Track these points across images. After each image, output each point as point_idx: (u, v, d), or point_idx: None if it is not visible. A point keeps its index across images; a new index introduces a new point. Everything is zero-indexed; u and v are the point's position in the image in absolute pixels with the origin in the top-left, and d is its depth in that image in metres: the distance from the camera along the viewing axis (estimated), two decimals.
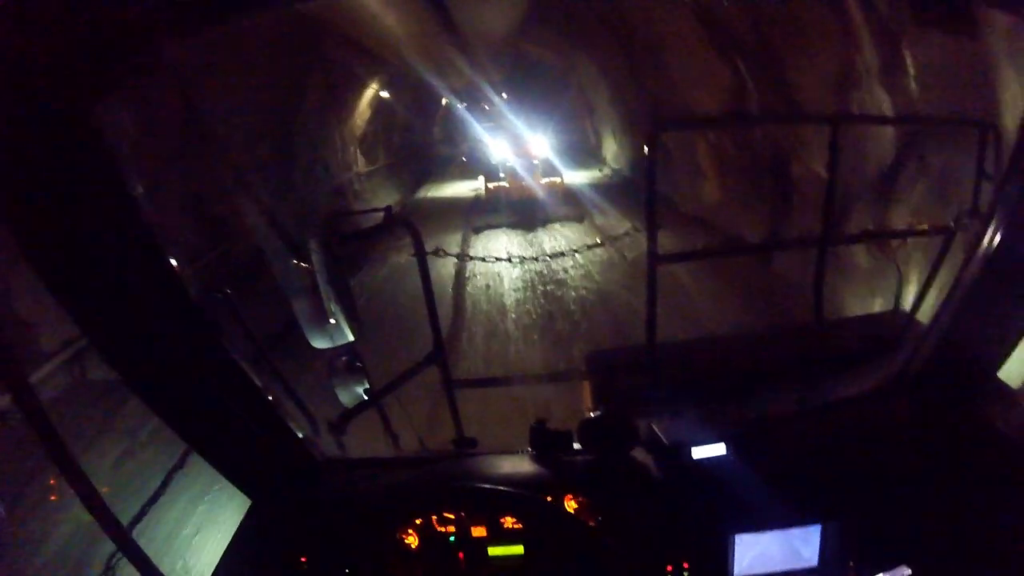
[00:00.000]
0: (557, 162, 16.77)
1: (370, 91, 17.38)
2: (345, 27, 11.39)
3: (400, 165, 21.89)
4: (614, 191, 17.06)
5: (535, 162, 16.24)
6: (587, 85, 20.36)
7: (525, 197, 15.10)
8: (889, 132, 5.92)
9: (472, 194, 18.80)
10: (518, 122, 18.81)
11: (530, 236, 13.37)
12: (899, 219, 6.37)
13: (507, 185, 15.64)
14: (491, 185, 16.02)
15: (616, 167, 20.10)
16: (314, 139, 13.88)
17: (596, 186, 18.25)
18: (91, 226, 1.15)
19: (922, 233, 2.88)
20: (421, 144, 26.68)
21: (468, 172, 22.56)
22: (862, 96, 6.17)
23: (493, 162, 17.27)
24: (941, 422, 1.76)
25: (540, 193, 15.03)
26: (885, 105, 5.72)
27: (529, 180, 15.32)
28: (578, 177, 19.64)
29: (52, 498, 4.03)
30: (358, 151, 17.76)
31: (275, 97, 10.92)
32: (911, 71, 5.23)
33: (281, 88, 11.10)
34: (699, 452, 1.61)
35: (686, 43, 10.12)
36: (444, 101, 27.76)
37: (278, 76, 10.68)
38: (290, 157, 12.16)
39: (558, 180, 16.04)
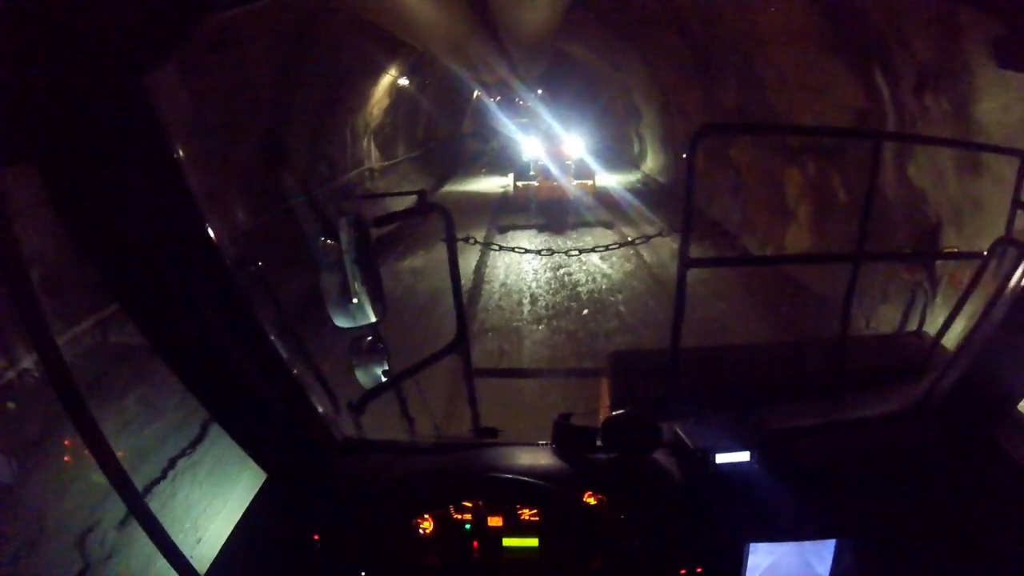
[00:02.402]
0: (593, 164, 16.14)
1: (387, 78, 15.54)
2: (355, 4, 9.65)
3: (423, 160, 20.52)
4: (658, 204, 15.05)
5: (568, 162, 15.73)
6: (634, 87, 18.87)
7: (555, 198, 14.61)
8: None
9: (500, 190, 18.34)
10: (552, 120, 18.27)
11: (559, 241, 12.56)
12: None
13: (537, 184, 15.09)
14: (520, 184, 15.49)
15: (663, 180, 18.27)
16: (317, 132, 12.23)
17: (635, 193, 17.17)
18: (134, 193, 1.16)
19: (955, 256, 2.84)
20: (448, 137, 25.48)
21: (496, 168, 21.98)
22: None
23: (524, 159, 16.73)
24: (961, 449, 1.74)
25: (571, 195, 14.55)
26: None
27: (561, 181, 14.79)
28: (612, 181, 18.18)
29: (66, 459, 4.09)
30: (372, 144, 16.21)
31: (261, 86, 9.35)
32: None
33: (269, 76, 9.45)
34: (723, 458, 1.60)
35: (796, 43, 7.75)
36: (475, 94, 27.02)
37: (265, 62, 9.13)
38: (281, 155, 10.50)
39: (590, 183, 15.42)
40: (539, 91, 26.54)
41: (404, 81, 16.68)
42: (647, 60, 15.41)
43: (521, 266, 10.86)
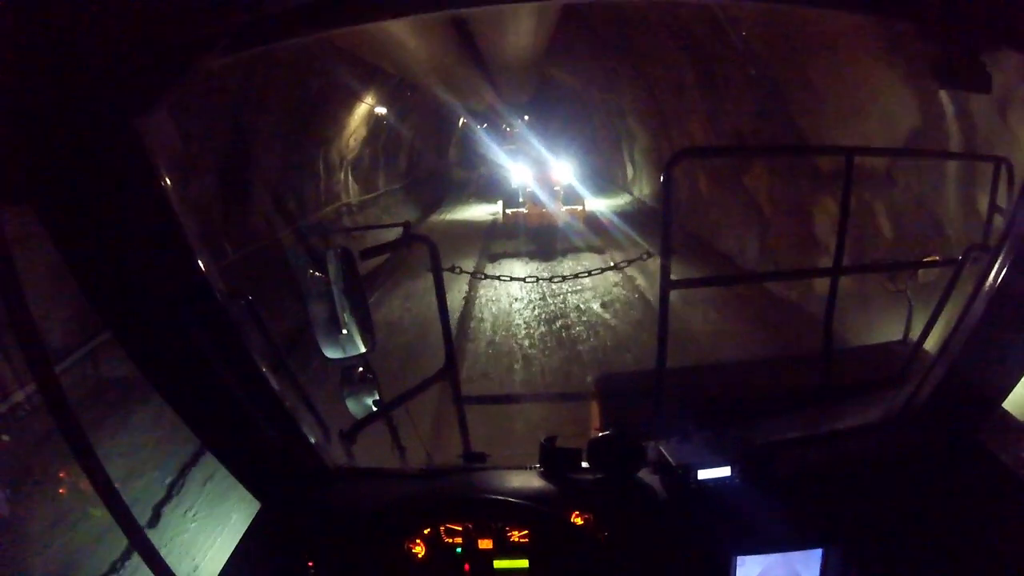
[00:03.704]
0: (582, 189, 16.07)
1: (364, 106, 14.52)
2: (333, 39, 8.50)
3: (406, 191, 19.62)
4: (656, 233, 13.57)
5: (557, 188, 15.70)
6: (627, 109, 17.87)
7: (545, 225, 14.51)
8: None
9: (490, 218, 18.25)
10: (540, 147, 18.03)
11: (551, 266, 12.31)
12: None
13: (526, 211, 14.98)
14: (509, 211, 15.40)
15: (659, 206, 16.23)
16: (285, 166, 11.15)
17: (627, 218, 16.16)
18: (126, 229, 1.20)
19: (932, 264, 2.89)
20: (433, 167, 24.67)
21: (484, 195, 21.80)
22: None
23: (513, 186, 16.55)
24: (946, 452, 1.77)
25: (560, 221, 14.50)
26: None
27: (550, 207, 14.72)
28: (602, 206, 18.12)
29: (61, 491, 4.07)
30: (350, 177, 15.23)
31: (214, 116, 8.16)
32: None
33: (222, 106, 8.37)
34: (705, 474, 1.63)
35: (842, 53, 6.54)
36: (461, 121, 26.75)
37: (216, 91, 8.08)
38: (240, 192, 9.38)
39: (579, 208, 15.36)
40: (526, 117, 26.59)
41: (382, 110, 15.75)
42: (644, 81, 14.60)
43: (511, 290, 10.75)
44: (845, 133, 7.11)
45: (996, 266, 1.60)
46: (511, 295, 10.60)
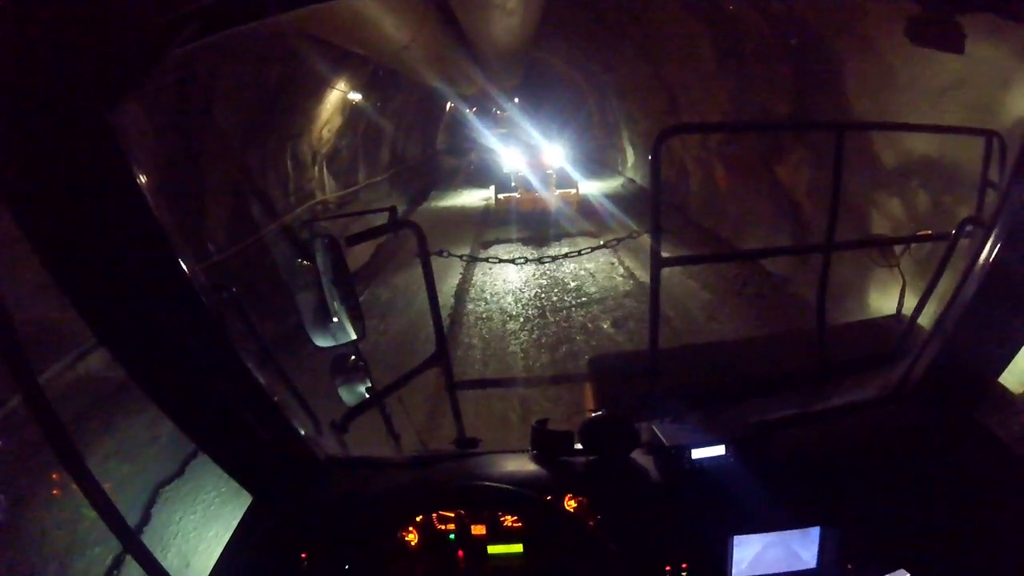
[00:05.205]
0: (574, 173, 16.01)
1: (336, 94, 13.00)
2: (306, 26, 7.84)
3: (390, 183, 18.45)
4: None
5: (549, 172, 15.68)
6: (628, 90, 16.97)
7: (538, 210, 14.61)
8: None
9: (482, 203, 18.23)
10: (532, 130, 18.07)
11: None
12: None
13: (519, 196, 15.09)
14: (502, 196, 15.47)
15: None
16: (245, 166, 9.69)
17: (619, 202, 16.04)
18: (104, 225, 1.17)
19: (925, 239, 2.87)
20: (420, 156, 23.70)
21: (475, 181, 21.70)
22: None
23: (505, 171, 16.67)
24: (942, 428, 1.77)
25: (553, 206, 14.54)
26: None
27: (542, 192, 14.76)
28: (595, 189, 17.84)
29: (55, 493, 4.06)
30: (326, 172, 13.70)
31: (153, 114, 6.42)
32: None
33: (163, 102, 6.92)
34: (699, 454, 1.62)
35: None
36: (449, 106, 26.26)
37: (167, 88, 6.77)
38: (197, 199, 8.12)
39: (573, 192, 15.37)
40: (516, 100, 26.33)
41: (357, 96, 14.10)
42: (647, 57, 13.29)
43: (506, 273, 10.67)
44: (923, 111, 5.55)
45: (991, 240, 1.59)
46: (507, 280, 10.52)
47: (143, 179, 1.17)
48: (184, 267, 1.28)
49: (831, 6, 6.41)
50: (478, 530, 1.60)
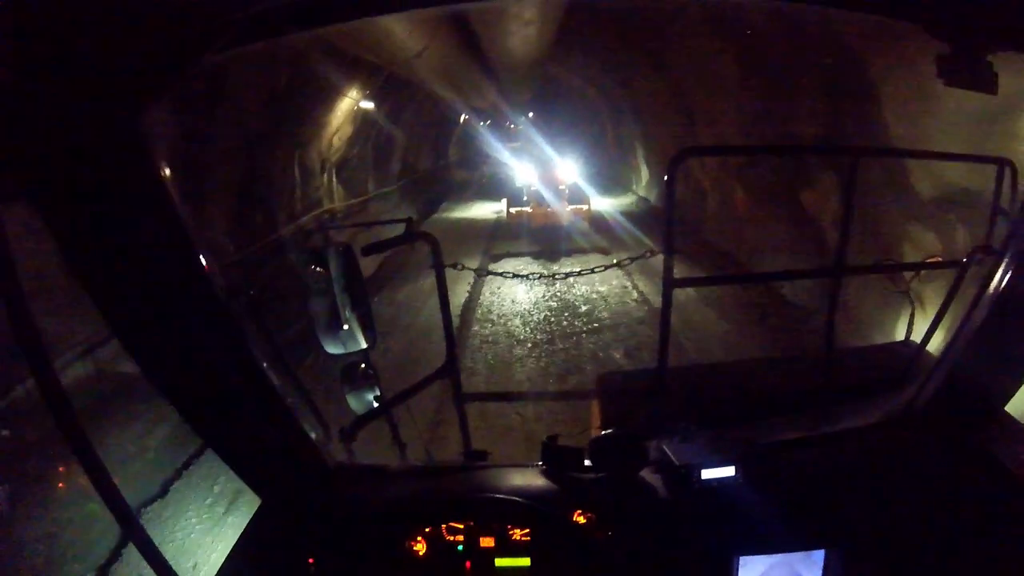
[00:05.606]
0: (587, 188, 15.90)
1: (347, 102, 12.54)
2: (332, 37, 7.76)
3: (401, 195, 18.29)
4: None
5: (562, 187, 15.59)
6: (644, 108, 16.68)
7: (550, 224, 14.45)
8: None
9: (494, 216, 18.16)
10: (545, 145, 17.88)
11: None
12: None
13: (530, 211, 14.94)
14: (513, 210, 15.39)
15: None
16: (250, 174, 9.33)
17: (634, 219, 15.42)
18: (127, 225, 1.19)
19: (935, 266, 2.88)
20: (431, 168, 23.61)
21: (486, 195, 21.65)
22: None
23: (517, 185, 16.61)
24: (947, 454, 1.76)
25: (565, 221, 14.38)
26: None
27: (555, 207, 14.60)
28: (608, 206, 17.57)
29: (60, 486, 4.08)
30: (335, 181, 13.42)
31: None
32: None
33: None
34: (708, 474, 1.63)
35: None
36: (462, 118, 25.90)
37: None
38: (193, 208, 5.95)
39: (585, 207, 15.23)
40: (530, 114, 26.33)
41: (369, 104, 13.69)
42: (666, 76, 13.01)
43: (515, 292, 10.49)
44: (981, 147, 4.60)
45: (1000, 269, 1.60)
46: (516, 301, 10.25)
47: (170, 183, 1.20)
48: (206, 270, 1.30)
49: (872, 29, 5.80)
50: (486, 542, 1.60)
